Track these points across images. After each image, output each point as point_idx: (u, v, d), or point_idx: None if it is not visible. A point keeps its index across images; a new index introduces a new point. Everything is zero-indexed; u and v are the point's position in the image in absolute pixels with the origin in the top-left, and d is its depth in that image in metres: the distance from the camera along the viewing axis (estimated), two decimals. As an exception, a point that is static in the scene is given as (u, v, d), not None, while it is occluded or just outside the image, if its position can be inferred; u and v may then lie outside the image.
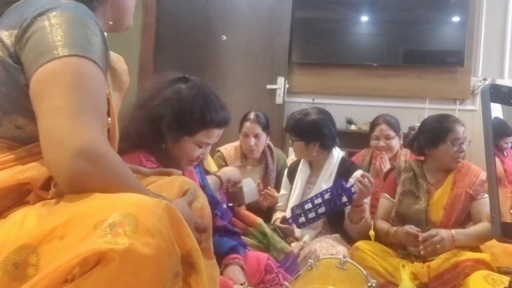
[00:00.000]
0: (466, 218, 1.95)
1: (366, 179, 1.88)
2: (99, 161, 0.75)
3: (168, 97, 1.35)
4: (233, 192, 1.97)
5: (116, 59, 1.09)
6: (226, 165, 2.51)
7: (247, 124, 2.56)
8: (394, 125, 2.73)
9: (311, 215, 1.98)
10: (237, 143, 2.69)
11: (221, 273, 1.43)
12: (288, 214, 2.15)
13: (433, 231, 1.82)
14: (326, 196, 1.95)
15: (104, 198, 0.73)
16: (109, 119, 0.94)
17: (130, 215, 0.67)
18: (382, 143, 2.68)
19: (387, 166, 2.55)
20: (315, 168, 2.23)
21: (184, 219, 0.77)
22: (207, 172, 1.87)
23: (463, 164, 2.01)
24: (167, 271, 0.70)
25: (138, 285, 0.66)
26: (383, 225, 2.03)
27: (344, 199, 1.94)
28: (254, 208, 2.27)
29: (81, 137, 0.74)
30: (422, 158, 2.13)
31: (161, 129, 1.33)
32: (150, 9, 3.84)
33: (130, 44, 3.76)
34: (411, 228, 1.86)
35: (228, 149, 2.67)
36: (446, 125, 1.99)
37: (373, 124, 2.79)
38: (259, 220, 1.86)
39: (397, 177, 2.10)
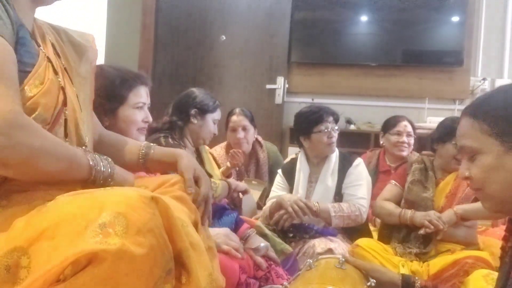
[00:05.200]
0: None
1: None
2: (12, 132, 0.72)
3: None
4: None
5: (78, 34, 1.08)
6: (218, 165, 2.52)
7: (234, 118, 2.57)
8: (413, 125, 2.77)
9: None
10: (224, 144, 2.70)
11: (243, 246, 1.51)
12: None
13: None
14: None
15: (93, 197, 0.73)
16: (59, 77, 0.92)
17: (120, 214, 0.68)
18: (405, 138, 2.67)
19: None
20: (315, 165, 2.24)
21: (175, 217, 0.77)
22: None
23: None
24: (159, 269, 0.70)
25: (131, 283, 0.67)
26: (391, 206, 2.08)
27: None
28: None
29: None
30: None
31: (98, 116, 1.36)
32: (149, 10, 3.84)
33: (129, 44, 3.76)
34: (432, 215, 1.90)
35: (218, 150, 2.68)
36: (452, 126, 2.00)
37: (394, 121, 2.74)
38: (258, 222, 1.86)
39: (408, 167, 2.15)
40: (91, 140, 1.03)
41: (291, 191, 2.23)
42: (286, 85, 3.76)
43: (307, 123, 2.17)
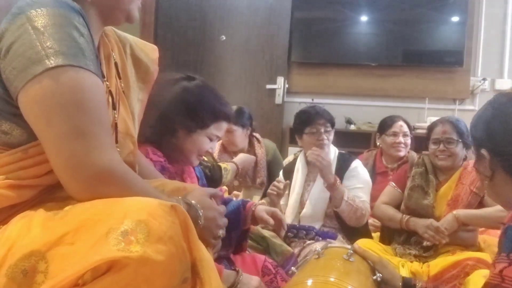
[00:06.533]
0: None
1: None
2: (116, 182, 0.78)
3: (177, 94, 1.41)
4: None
5: (143, 48, 1.10)
6: (215, 161, 2.54)
7: None
8: (409, 125, 2.74)
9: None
10: (220, 141, 2.76)
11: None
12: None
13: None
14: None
15: (114, 204, 0.73)
16: (115, 113, 0.93)
17: (141, 222, 0.68)
18: (401, 139, 2.64)
19: None
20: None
21: (194, 227, 0.77)
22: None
23: (469, 163, 2.03)
24: (177, 277, 0.71)
25: None
26: (392, 211, 2.07)
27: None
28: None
29: (96, 162, 0.76)
30: None
31: (173, 124, 1.39)
32: (149, 9, 3.83)
33: (129, 44, 3.76)
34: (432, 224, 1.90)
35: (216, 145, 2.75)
36: (431, 126, 2.08)
37: (390, 122, 2.71)
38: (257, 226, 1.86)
39: (408, 170, 2.13)
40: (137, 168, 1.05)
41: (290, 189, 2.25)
42: (286, 85, 3.76)
43: (300, 123, 2.22)
